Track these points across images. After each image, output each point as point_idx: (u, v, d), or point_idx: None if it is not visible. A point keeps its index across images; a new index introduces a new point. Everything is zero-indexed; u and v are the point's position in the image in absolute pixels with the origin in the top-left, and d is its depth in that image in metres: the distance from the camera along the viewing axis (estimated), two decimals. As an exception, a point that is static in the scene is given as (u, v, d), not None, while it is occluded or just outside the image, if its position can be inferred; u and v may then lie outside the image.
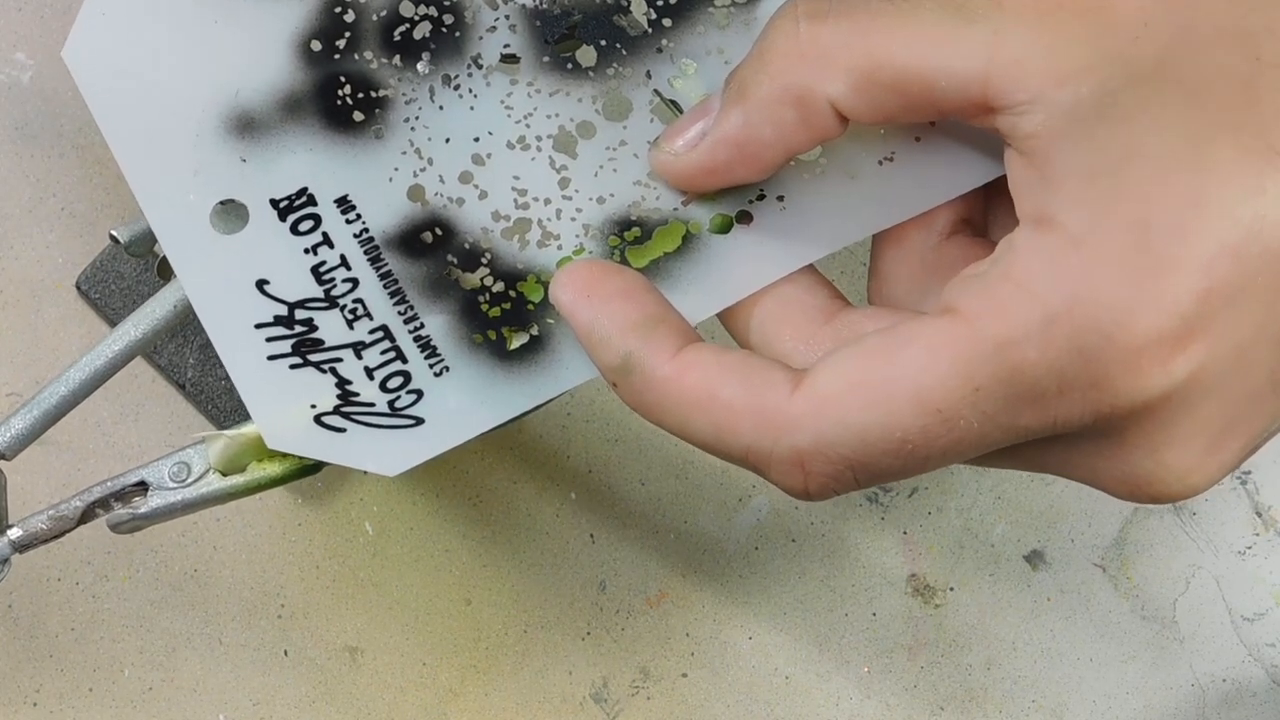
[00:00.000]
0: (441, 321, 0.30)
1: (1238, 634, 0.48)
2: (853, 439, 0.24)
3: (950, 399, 0.23)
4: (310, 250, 0.31)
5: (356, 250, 0.31)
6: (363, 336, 0.30)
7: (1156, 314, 0.22)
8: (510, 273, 0.31)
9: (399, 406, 0.30)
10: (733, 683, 0.46)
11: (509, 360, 0.30)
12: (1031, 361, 0.22)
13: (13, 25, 0.47)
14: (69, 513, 0.33)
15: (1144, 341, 0.22)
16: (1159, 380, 0.22)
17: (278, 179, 0.31)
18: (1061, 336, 0.22)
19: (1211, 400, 0.23)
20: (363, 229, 0.30)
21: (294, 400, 0.30)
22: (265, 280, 0.30)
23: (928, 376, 0.23)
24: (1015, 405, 0.23)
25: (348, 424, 0.30)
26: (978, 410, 0.23)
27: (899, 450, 0.23)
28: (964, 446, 0.23)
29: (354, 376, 0.30)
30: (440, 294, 0.31)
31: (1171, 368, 0.22)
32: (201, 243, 0.30)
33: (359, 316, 0.30)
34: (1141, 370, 0.22)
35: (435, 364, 0.30)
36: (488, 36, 0.31)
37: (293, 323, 0.30)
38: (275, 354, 0.30)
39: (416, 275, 0.31)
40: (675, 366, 0.26)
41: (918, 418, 0.23)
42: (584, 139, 0.31)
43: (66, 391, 0.33)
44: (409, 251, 0.31)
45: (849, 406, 0.24)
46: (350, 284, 0.30)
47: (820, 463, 0.24)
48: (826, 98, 0.26)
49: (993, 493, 0.48)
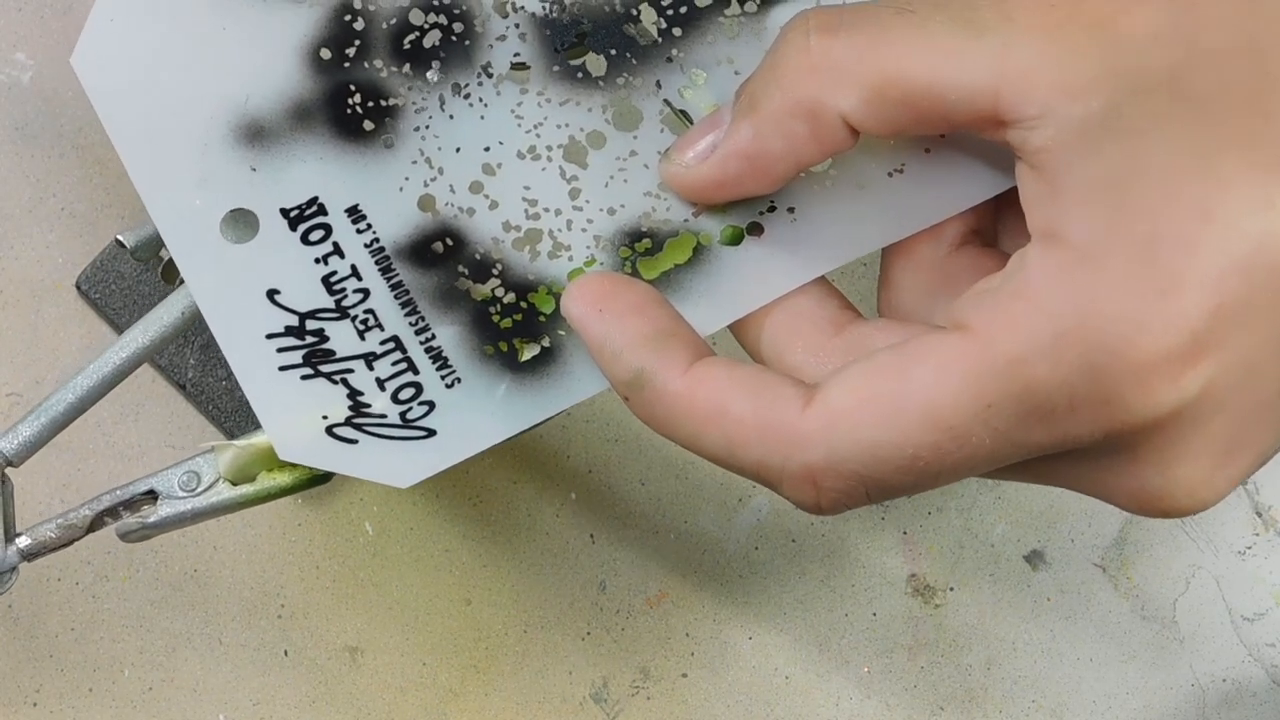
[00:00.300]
0: (453, 333, 0.30)
1: (1238, 634, 0.48)
2: (865, 455, 0.24)
3: (962, 416, 0.23)
4: (321, 260, 0.30)
5: (367, 260, 0.30)
6: (374, 348, 0.30)
7: (1166, 331, 0.22)
8: (521, 284, 0.30)
9: (411, 418, 0.30)
10: (733, 683, 0.46)
11: (520, 372, 0.30)
12: (1042, 379, 0.22)
13: (13, 25, 0.46)
14: (78, 521, 0.33)
15: (1154, 358, 0.22)
16: (1170, 397, 0.22)
17: (288, 188, 0.30)
18: (1072, 354, 0.22)
19: (1221, 415, 0.23)
20: (373, 239, 0.30)
21: (305, 411, 0.30)
22: (276, 290, 0.30)
23: (939, 393, 0.23)
24: (1026, 422, 0.23)
25: (359, 435, 0.30)
26: (989, 427, 0.23)
27: (911, 467, 0.23)
28: (975, 463, 0.23)
29: (365, 388, 0.30)
30: (451, 305, 0.30)
31: (1182, 384, 0.22)
32: (211, 252, 0.30)
33: (370, 327, 0.30)
34: (1152, 387, 0.22)
35: (447, 375, 0.30)
36: (498, 45, 0.31)
37: (304, 333, 0.30)
38: (286, 365, 0.30)
39: (427, 286, 0.30)
40: (687, 382, 0.26)
41: (929, 434, 0.23)
42: (594, 149, 0.31)
43: (74, 399, 0.33)
44: (420, 262, 0.31)
45: (861, 423, 0.24)
46: (361, 294, 0.30)
47: (832, 478, 0.24)
48: (838, 111, 0.26)
49: (993, 493, 0.48)
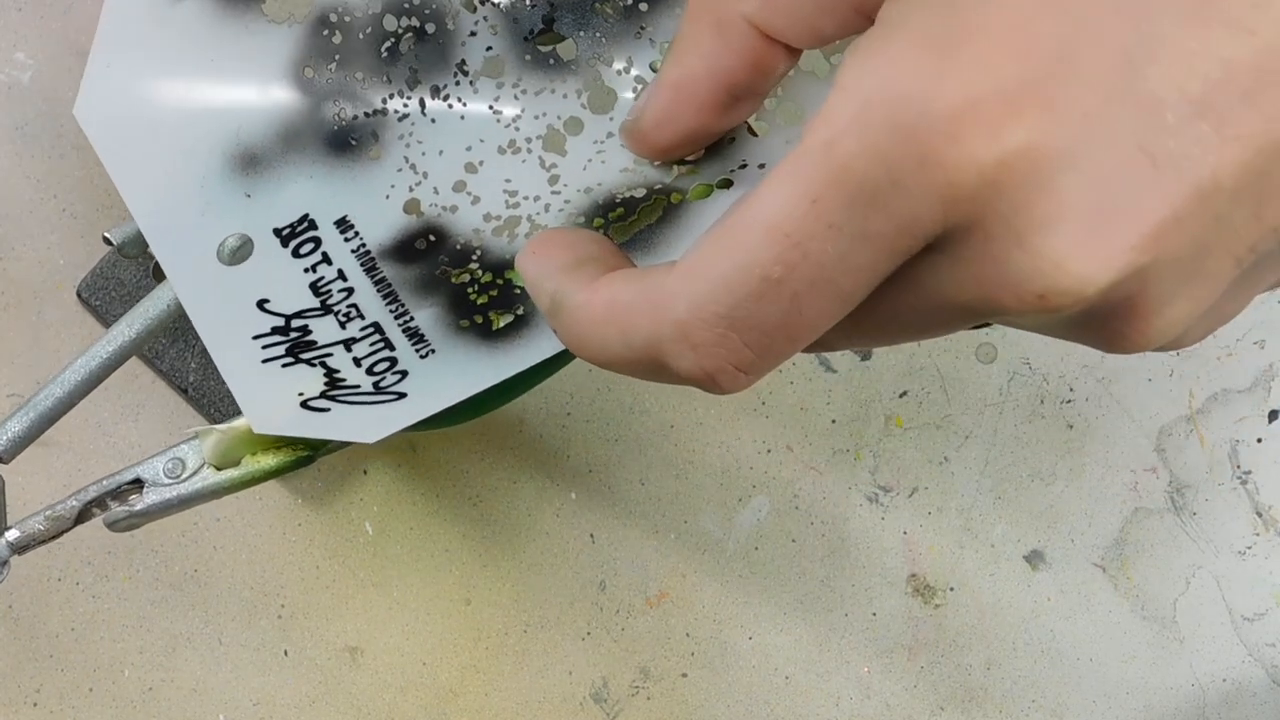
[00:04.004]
0: (431, 314, 0.31)
1: (1238, 634, 0.48)
2: (719, 292, 0.23)
3: (794, 218, 0.22)
4: (310, 269, 0.31)
5: (354, 264, 0.31)
6: (354, 333, 0.30)
7: (968, 79, 0.20)
8: (499, 264, 0.31)
9: (383, 386, 0.30)
10: (733, 683, 0.46)
11: (493, 339, 0.30)
12: (853, 153, 0.21)
13: (13, 25, 0.47)
14: (65, 513, 0.33)
15: (960, 107, 0.20)
16: (989, 148, 0.20)
17: (280, 209, 0.31)
18: (876, 119, 0.21)
19: (1070, 175, 0.21)
20: (360, 244, 0.31)
21: (283, 392, 0.30)
22: (266, 300, 0.31)
23: (770, 203, 0.22)
24: (855, 208, 0.21)
25: (332, 405, 0.30)
26: (823, 224, 0.22)
27: (765, 292, 0.22)
28: (830, 274, 0.22)
29: (342, 366, 0.30)
30: (431, 290, 0.31)
31: (1001, 135, 0.20)
32: (209, 276, 0.31)
33: (351, 318, 0.31)
34: (965, 138, 0.20)
35: (421, 349, 0.30)
36: (470, 41, 0.31)
37: (289, 330, 0.30)
38: (269, 358, 0.30)
39: (409, 278, 0.31)
40: (588, 293, 0.26)
41: (770, 248, 0.22)
42: (572, 135, 0.31)
43: (63, 393, 0.33)
44: (403, 258, 0.31)
45: (709, 259, 0.23)
46: (345, 293, 0.31)
47: (700, 329, 0.23)
48: (740, 14, 0.26)
49: (993, 493, 0.48)
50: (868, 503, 0.48)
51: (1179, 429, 0.49)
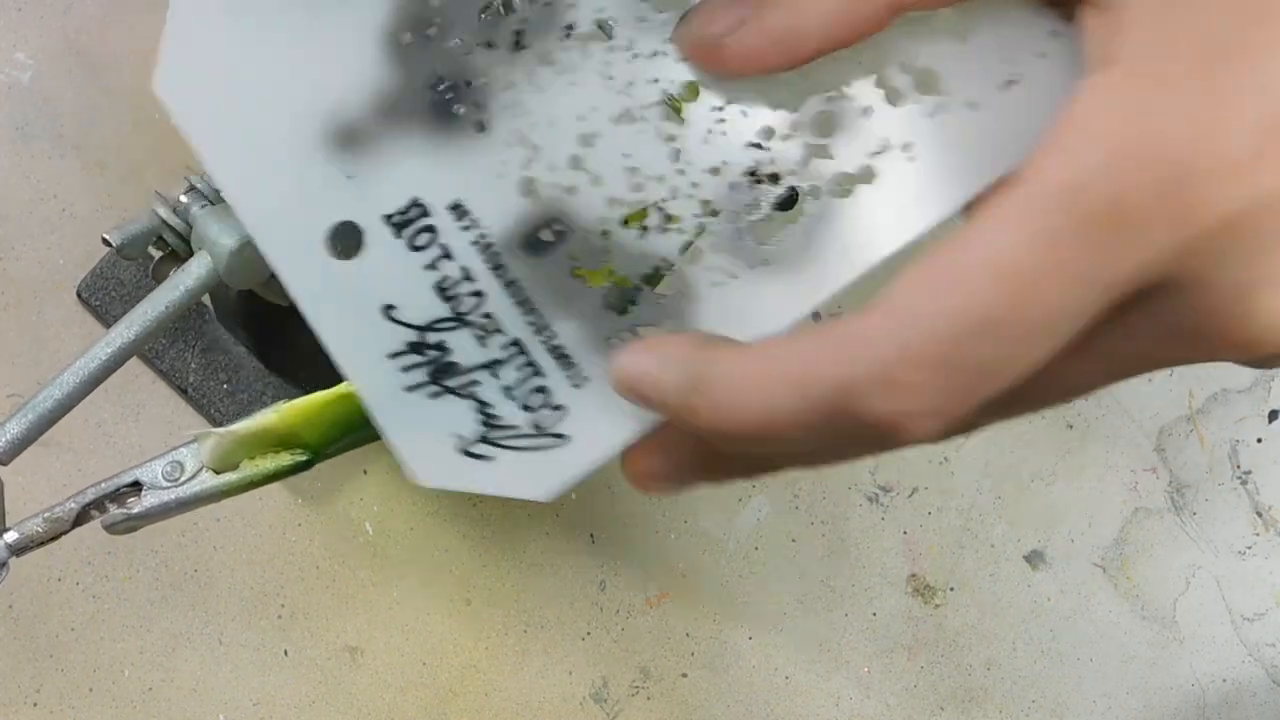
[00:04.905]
0: (574, 327, 0.29)
1: (1238, 634, 0.48)
2: (936, 330, 0.22)
3: (1026, 258, 0.21)
4: (431, 266, 0.30)
5: (477, 260, 0.30)
6: (496, 354, 0.29)
7: (1229, 136, 0.21)
8: (634, 266, 0.29)
9: (543, 427, 0.29)
10: (733, 683, 0.46)
11: None
12: (1105, 198, 0.21)
13: (13, 25, 0.46)
14: (64, 515, 0.33)
15: (1219, 163, 0.21)
16: (1241, 192, 0.21)
17: (387, 192, 0.29)
18: (1132, 167, 0.21)
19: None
20: (480, 235, 0.29)
21: (438, 432, 0.29)
22: (392, 306, 0.29)
23: (999, 241, 0.22)
24: (1097, 252, 0.21)
25: (494, 450, 0.29)
26: (1057, 261, 0.21)
27: (988, 330, 0.22)
28: (1055, 317, 0.22)
29: (494, 399, 0.29)
30: (568, 297, 0.30)
31: (1255, 180, 0.21)
32: (320, 271, 0.29)
33: (490, 332, 0.29)
34: (1220, 184, 0.21)
35: (573, 375, 0.29)
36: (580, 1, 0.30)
37: (425, 348, 0.29)
38: (412, 384, 0.29)
39: (541, 279, 0.29)
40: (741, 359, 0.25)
41: (997, 287, 0.22)
42: (688, 102, 0.30)
43: (61, 395, 0.33)
44: (530, 252, 0.30)
45: (922, 299, 0.22)
46: (476, 297, 0.29)
47: (907, 370, 0.22)
48: None
49: (993, 493, 0.48)
50: (868, 502, 0.48)
51: (1179, 429, 0.49)
